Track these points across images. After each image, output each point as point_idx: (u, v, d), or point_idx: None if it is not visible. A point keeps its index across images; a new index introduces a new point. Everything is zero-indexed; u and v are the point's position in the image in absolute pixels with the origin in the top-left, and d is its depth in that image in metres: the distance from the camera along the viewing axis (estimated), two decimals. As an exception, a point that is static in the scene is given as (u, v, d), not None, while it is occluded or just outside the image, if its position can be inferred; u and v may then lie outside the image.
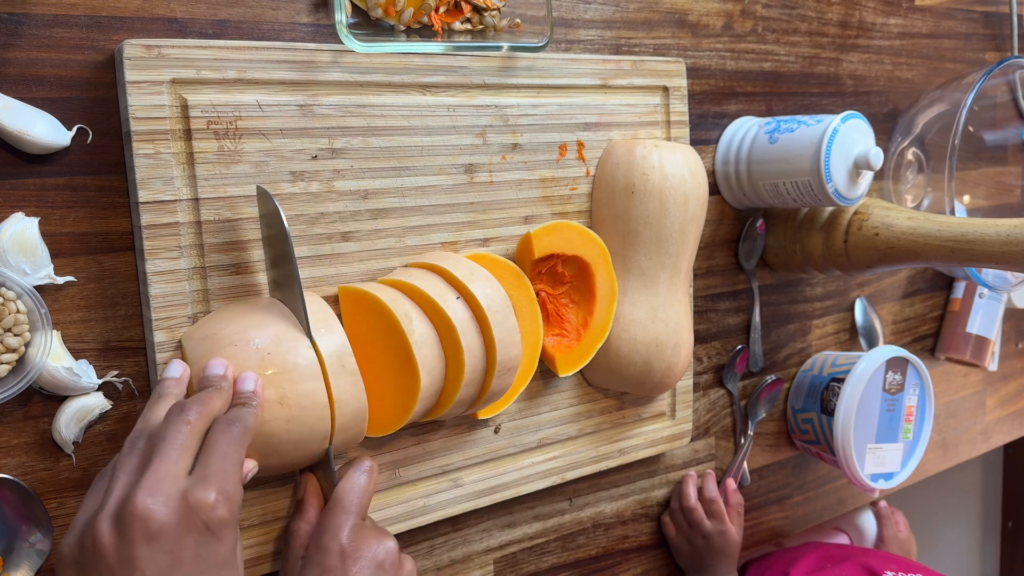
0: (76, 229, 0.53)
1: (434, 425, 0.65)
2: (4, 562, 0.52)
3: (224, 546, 0.41)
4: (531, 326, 0.65)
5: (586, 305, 0.69)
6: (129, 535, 0.39)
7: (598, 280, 0.69)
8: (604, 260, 0.69)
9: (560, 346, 0.69)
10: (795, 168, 0.77)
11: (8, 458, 0.52)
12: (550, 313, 0.69)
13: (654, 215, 0.69)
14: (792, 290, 0.94)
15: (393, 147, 0.61)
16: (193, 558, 0.40)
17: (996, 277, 0.90)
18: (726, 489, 0.86)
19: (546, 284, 0.69)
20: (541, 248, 0.66)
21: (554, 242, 0.67)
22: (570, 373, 0.69)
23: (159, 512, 0.39)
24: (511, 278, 0.65)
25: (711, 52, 0.84)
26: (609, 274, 0.69)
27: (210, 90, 0.54)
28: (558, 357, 0.68)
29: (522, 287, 0.65)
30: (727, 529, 0.83)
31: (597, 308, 0.69)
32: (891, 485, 0.93)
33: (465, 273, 0.59)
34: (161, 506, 0.39)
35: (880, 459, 0.91)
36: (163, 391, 0.48)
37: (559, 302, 0.70)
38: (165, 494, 0.40)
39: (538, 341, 0.66)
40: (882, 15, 1.00)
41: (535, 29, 0.67)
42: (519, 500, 0.74)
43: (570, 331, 0.70)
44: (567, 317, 0.70)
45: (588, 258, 0.68)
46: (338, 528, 0.52)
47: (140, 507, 0.39)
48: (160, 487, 0.40)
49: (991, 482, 2.07)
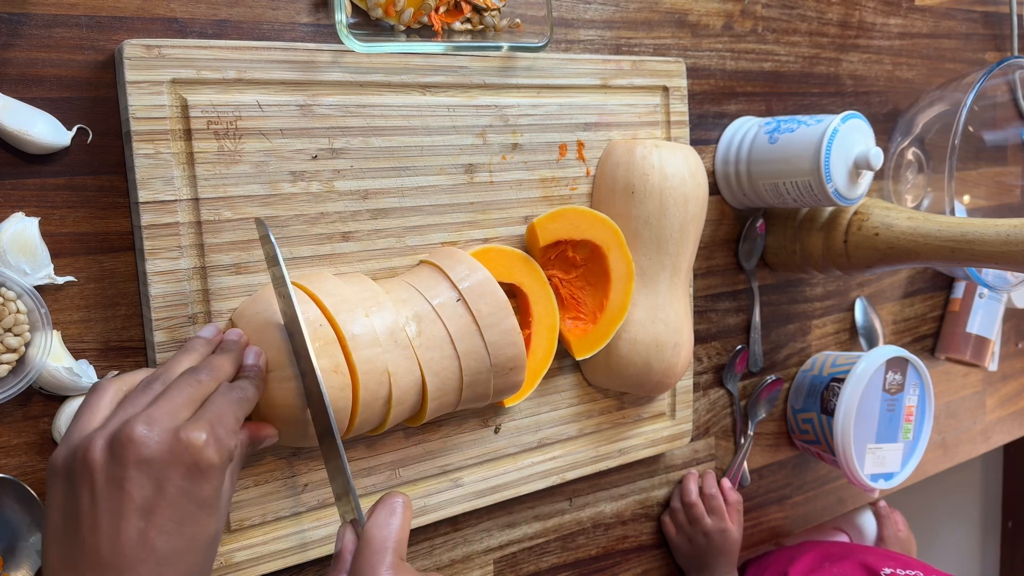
0: (76, 229, 0.53)
1: (434, 425, 0.65)
2: (4, 562, 0.52)
3: (209, 486, 0.43)
4: (546, 309, 0.66)
5: (601, 287, 0.70)
6: (121, 457, 0.41)
7: (612, 262, 0.69)
8: (618, 241, 0.69)
9: (576, 329, 0.70)
10: (795, 168, 0.77)
11: (8, 458, 0.52)
12: (565, 297, 0.70)
13: (654, 215, 0.69)
14: (792, 290, 0.94)
15: (393, 147, 0.61)
16: (176, 491, 0.41)
17: (996, 277, 0.90)
18: (723, 488, 0.86)
19: (557, 270, 0.69)
20: (546, 236, 0.67)
21: (560, 228, 0.67)
22: (587, 356, 0.69)
23: (152, 440, 0.41)
24: (521, 266, 0.65)
25: (711, 52, 0.84)
26: (624, 255, 0.69)
27: (210, 90, 0.54)
28: (573, 341, 0.69)
29: (533, 273, 0.66)
30: (727, 527, 0.83)
31: (613, 290, 0.69)
32: (891, 485, 0.93)
33: (460, 277, 0.59)
34: (155, 436, 0.41)
35: (880, 459, 0.91)
36: (190, 347, 0.50)
37: (573, 286, 0.70)
38: (161, 427, 0.42)
39: (554, 323, 0.67)
40: (882, 15, 1.00)
41: (535, 29, 0.67)
42: (519, 500, 0.74)
43: (586, 314, 0.70)
44: (583, 300, 0.70)
45: (599, 240, 0.68)
46: (372, 568, 0.46)
47: (136, 433, 0.41)
48: (158, 421, 0.42)
49: (991, 482, 2.07)
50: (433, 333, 0.57)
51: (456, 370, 0.58)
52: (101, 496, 0.40)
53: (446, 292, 0.59)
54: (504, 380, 0.61)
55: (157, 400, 0.44)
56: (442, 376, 0.58)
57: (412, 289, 0.59)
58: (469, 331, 0.58)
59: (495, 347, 0.59)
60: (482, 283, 0.59)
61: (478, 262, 0.61)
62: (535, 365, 0.67)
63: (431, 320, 0.58)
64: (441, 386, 0.58)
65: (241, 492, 0.57)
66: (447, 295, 0.59)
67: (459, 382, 0.59)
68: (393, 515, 0.48)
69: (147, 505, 0.41)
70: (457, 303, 0.58)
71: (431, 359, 0.57)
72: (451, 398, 0.60)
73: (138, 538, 0.40)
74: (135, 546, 0.40)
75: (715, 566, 0.84)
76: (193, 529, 0.42)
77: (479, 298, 0.59)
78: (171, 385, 0.45)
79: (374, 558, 0.46)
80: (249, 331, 0.53)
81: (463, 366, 0.58)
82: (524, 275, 0.66)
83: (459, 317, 0.58)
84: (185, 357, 0.49)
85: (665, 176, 0.69)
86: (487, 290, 0.59)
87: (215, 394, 0.46)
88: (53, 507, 0.42)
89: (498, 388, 0.61)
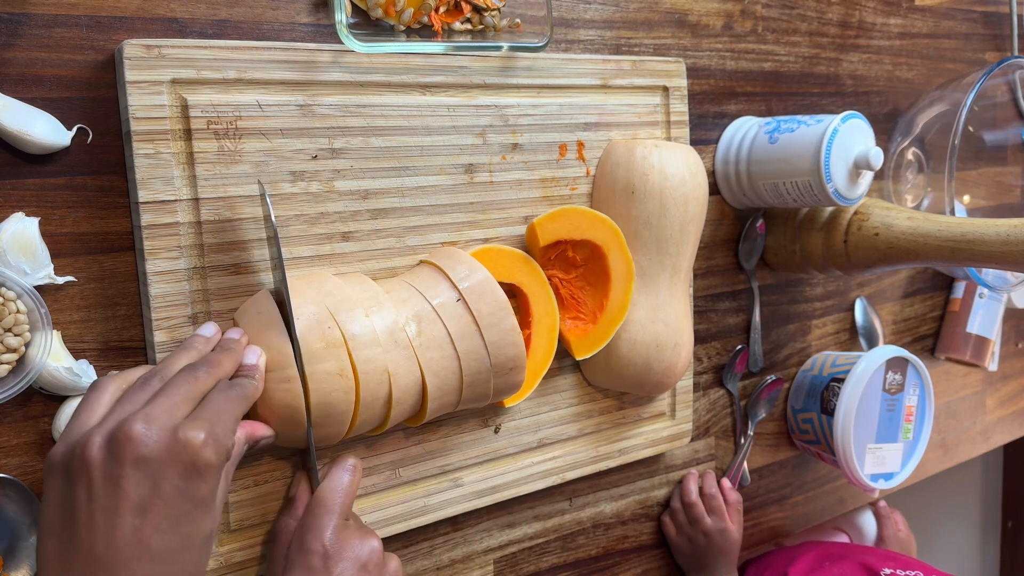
0: (76, 229, 0.53)
1: (434, 425, 0.65)
2: (4, 562, 0.52)
3: (205, 485, 0.43)
4: (546, 309, 0.66)
5: (601, 287, 0.70)
6: (119, 455, 0.41)
7: (612, 261, 0.69)
8: (617, 241, 0.69)
9: (576, 329, 0.70)
10: (795, 168, 0.77)
11: (8, 458, 0.52)
12: (565, 297, 0.70)
13: (654, 215, 0.69)
14: (792, 290, 0.94)
15: (393, 147, 0.61)
16: (173, 490, 0.42)
17: (996, 277, 0.90)
18: (723, 488, 0.86)
19: (557, 270, 0.69)
20: (546, 236, 0.67)
21: (560, 228, 0.67)
22: (587, 356, 0.69)
23: (150, 439, 0.41)
24: (521, 266, 0.65)
25: (711, 52, 0.84)
26: (624, 255, 0.69)
27: (210, 90, 0.54)
28: (573, 341, 0.69)
29: (533, 273, 0.66)
30: (727, 527, 0.83)
31: (613, 289, 0.69)
32: (891, 485, 0.93)
33: (460, 277, 0.59)
34: (153, 434, 0.42)
35: (880, 459, 0.91)
36: (189, 345, 0.50)
37: (573, 286, 0.70)
38: (159, 425, 0.42)
39: (554, 323, 0.67)
40: (882, 15, 1.00)
41: (535, 29, 0.67)
42: (519, 500, 0.74)
43: (586, 314, 0.70)
44: (583, 300, 0.70)
45: (599, 240, 0.68)
46: (320, 528, 0.52)
47: (134, 432, 0.41)
48: (156, 419, 0.42)
49: (991, 482, 2.07)
50: (433, 333, 0.57)
51: (456, 370, 0.58)
52: (98, 493, 0.41)
53: (446, 292, 0.59)
54: (504, 380, 0.61)
55: (155, 397, 0.44)
56: (442, 376, 0.58)
57: (412, 289, 0.59)
58: (469, 331, 0.58)
59: (495, 347, 0.59)
60: (482, 283, 0.59)
61: (478, 262, 0.61)
62: (535, 365, 0.67)
63: (431, 320, 0.58)
64: (441, 386, 0.58)
65: (241, 492, 0.57)
66: (447, 295, 0.59)
67: (459, 382, 0.59)
68: (344, 476, 0.54)
69: (143, 503, 0.41)
70: (457, 303, 0.58)
71: (431, 359, 0.57)
72: (451, 398, 0.60)
73: (133, 536, 0.40)
74: (130, 544, 0.40)
75: (715, 566, 0.84)
76: (189, 527, 0.42)
77: (479, 298, 0.59)
78: (169, 382, 0.45)
79: (324, 518, 0.52)
80: (250, 331, 0.53)
81: (463, 366, 0.58)
82: (524, 275, 0.66)
83: (459, 317, 0.58)
84: (184, 354, 0.49)
85: (665, 176, 0.69)
86: (487, 290, 0.59)
87: (213, 391, 0.46)
88: (50, 503, 0.42)
89: (498, 388, 0.61)
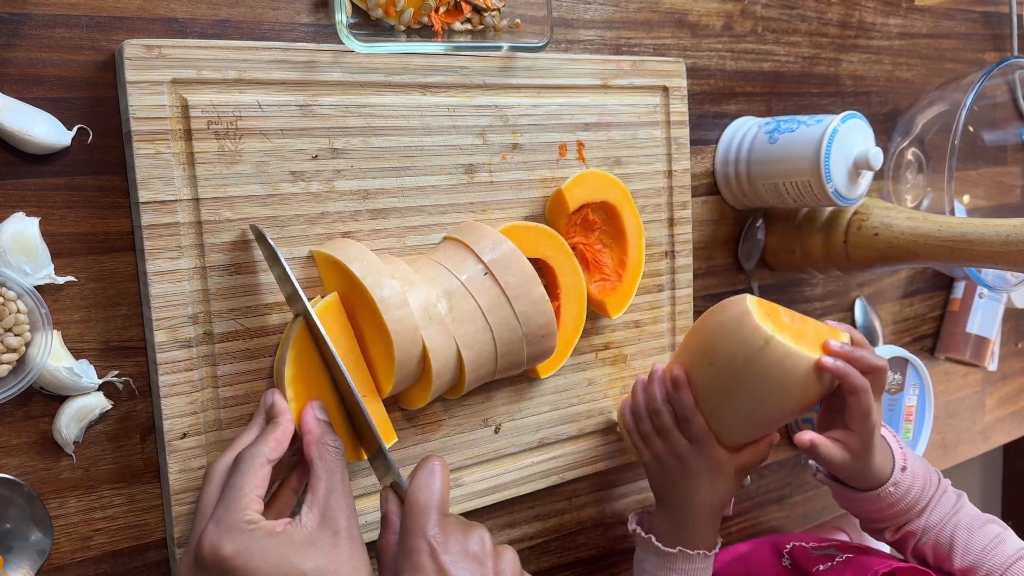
0: (76, 229, 0.53)
1: (434, 425, 0.66)
2: (4, 562, 0.52)
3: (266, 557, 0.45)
4: (573, 279, 0.68)
5: (618, 246, 0.72)
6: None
7: (625, 219, 0.71)
8: (626, 199, 0.71)
9: (604, 290, 0.71)
10: (795, 168, 0.77)
11: (8, 458, 0.52)
12: (589, 261, 0.71)
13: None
14: (792, 290, 0.94)
15: (393, 147, 0.61)
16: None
17: (996, 277, 0.90)
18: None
19: (580, 235, 0.71)
20: (574, 200, 0.68)
21: (584, 192, 0.69)
22: (620, 313, 0.71)
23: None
24: (545, 239, 0.67)
25: (711, 52, 0.84)
26: (633, 211, 0.72)
27: (210, 90, 0.54)
28: (607, 301, 0.70)
29: (558, 246, 0.67)
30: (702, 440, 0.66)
31: (629, 245, 0.71)
32: (891, 485, 0.92)
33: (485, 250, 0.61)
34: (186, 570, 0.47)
35: (880, 459, 0.91)
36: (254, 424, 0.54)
37: (594, 249, 0.72)
38: (189, 556, 0.47)
39: (582, 293, 0.68)
40: (882, 15, 1.00)
41: (535, 29, 0.67)
42: (519, 500, 0.74)
43: (610, 274, 0.72)
44: (604, 261, 0.72)
45: (613, 200, 0.70)
46: (420, 526, 0.49)
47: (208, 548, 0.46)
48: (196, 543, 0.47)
49: (991, 482, 2.07)
50: (465, 308, 0.59)
51: (490, 342, 0.60)
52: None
53: (473, 267, 0.60)
54: (537, 347, 0.63)
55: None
56: (477, 349, 0.60)
57: (439, 267, 0.60)
58: (499, 303, 0.60)
59: (525, 317, 0.61)
60: (507, 255, 0.61)
61: (502, 235, 0.62)
62: (566, 335, 0.68)
63: (461, 295, 0.59)
64: (477, 358, 0.60)
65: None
66: (474, 269, 0.60)
67: (494, 353, 0.61)
68: (433, 476, 0.51)
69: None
70: (485, 276, 0.60)
71: (465, 333, 0.59)
72: (487, 369, 0.62)
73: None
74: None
75: (690, 501, 0.68)
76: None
77: (506, 270, 0.60)
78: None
79: (421, 518, 0.49)
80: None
81: (496, 337, 0.60)
82: (549, 248, 0.67)
83: (488, 290, 0.60)
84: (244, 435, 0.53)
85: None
86: (513, 261, 0.61)
87: (231, 471, 0.50)
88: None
89: (531, 355, 0.63)
